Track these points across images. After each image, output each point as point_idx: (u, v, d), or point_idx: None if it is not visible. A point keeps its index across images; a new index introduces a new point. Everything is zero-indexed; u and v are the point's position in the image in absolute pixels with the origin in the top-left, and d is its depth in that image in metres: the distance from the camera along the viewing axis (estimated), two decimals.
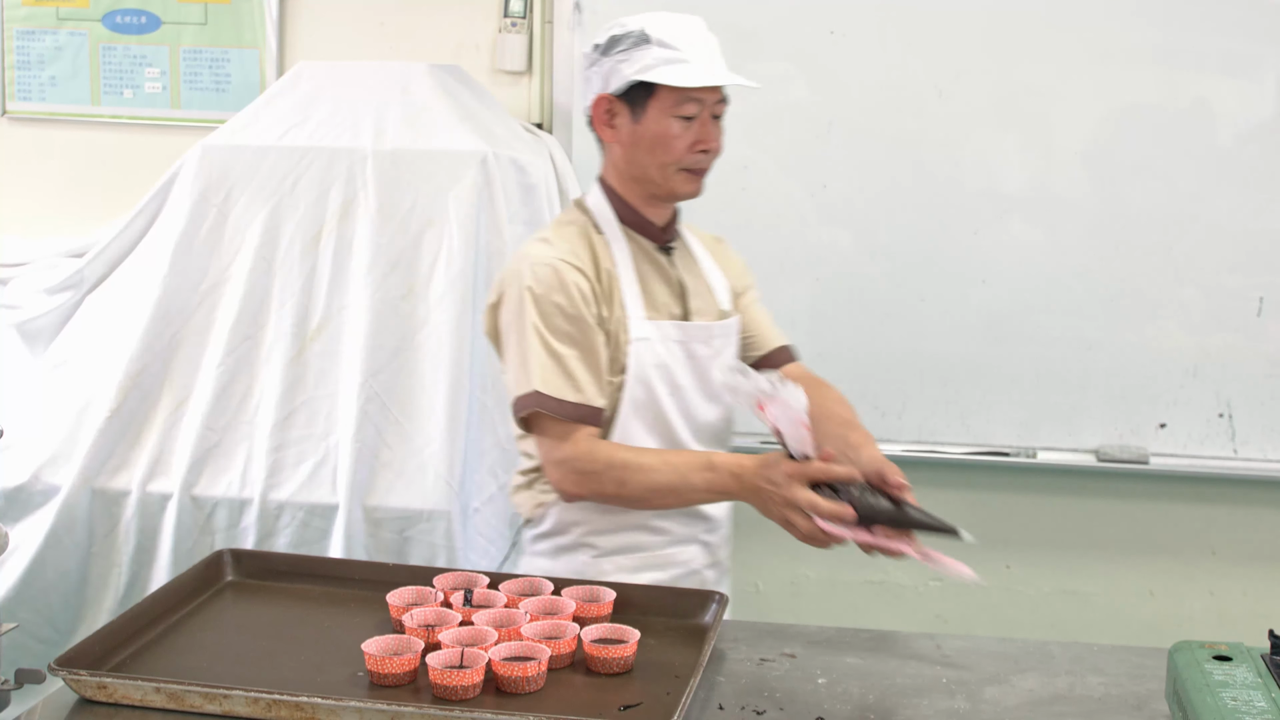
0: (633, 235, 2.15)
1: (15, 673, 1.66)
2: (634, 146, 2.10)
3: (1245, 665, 1.63)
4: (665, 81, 2.03)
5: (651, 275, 2.15)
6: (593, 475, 2.03)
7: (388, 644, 1.69)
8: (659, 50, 2.04)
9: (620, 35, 2.07)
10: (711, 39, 2.10)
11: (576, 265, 2.07)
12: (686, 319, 2.16)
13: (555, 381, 2.04)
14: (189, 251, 2.89)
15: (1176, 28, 3.06)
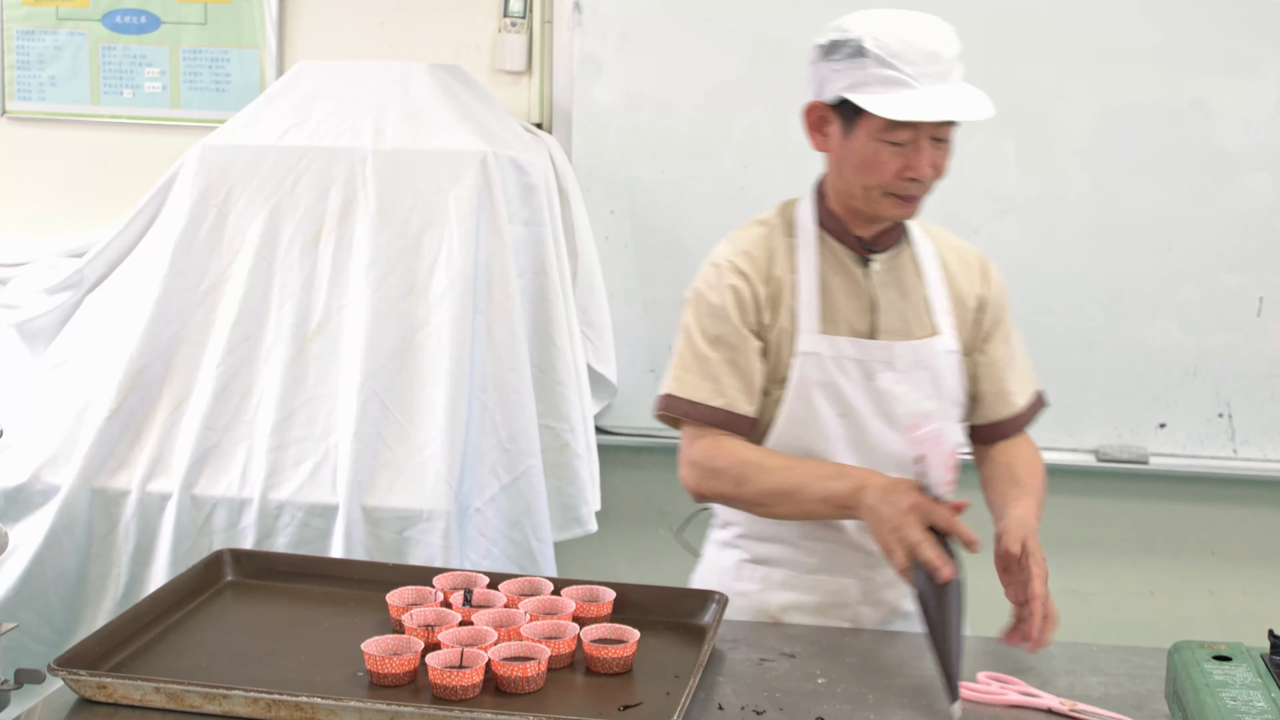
0: (829, 243, 2.03)
1: (15, 673, 1.66)
2: (841, 161, 1.96)
3: (1245, 665, 1.63)
4: (871, 110, 1.86)
5: (840, 287, 2.01)
6: (716, 473, 1.96)
7: (388, 644, 1.69)
8: (874, 67, 1.86)
9: (839, 41, 1.90)
10: (947, 50, 1.88)
11: (740, 268, 2.00)
12: (872, 337, 2.00)
13: (693, 383, 1.99)
14: (189, 251, 2.89)
15: (1176, 27, 3.06)
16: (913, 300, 2.04)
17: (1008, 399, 2.10)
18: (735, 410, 1.98)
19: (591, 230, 3.17)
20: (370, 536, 2.69)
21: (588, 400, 3.08)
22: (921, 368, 2.01)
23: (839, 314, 2.00)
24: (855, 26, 1.89)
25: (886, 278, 2.03)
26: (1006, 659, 1.87)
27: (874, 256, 2.03)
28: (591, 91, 3.24)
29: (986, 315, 2.10)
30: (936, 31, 1.88)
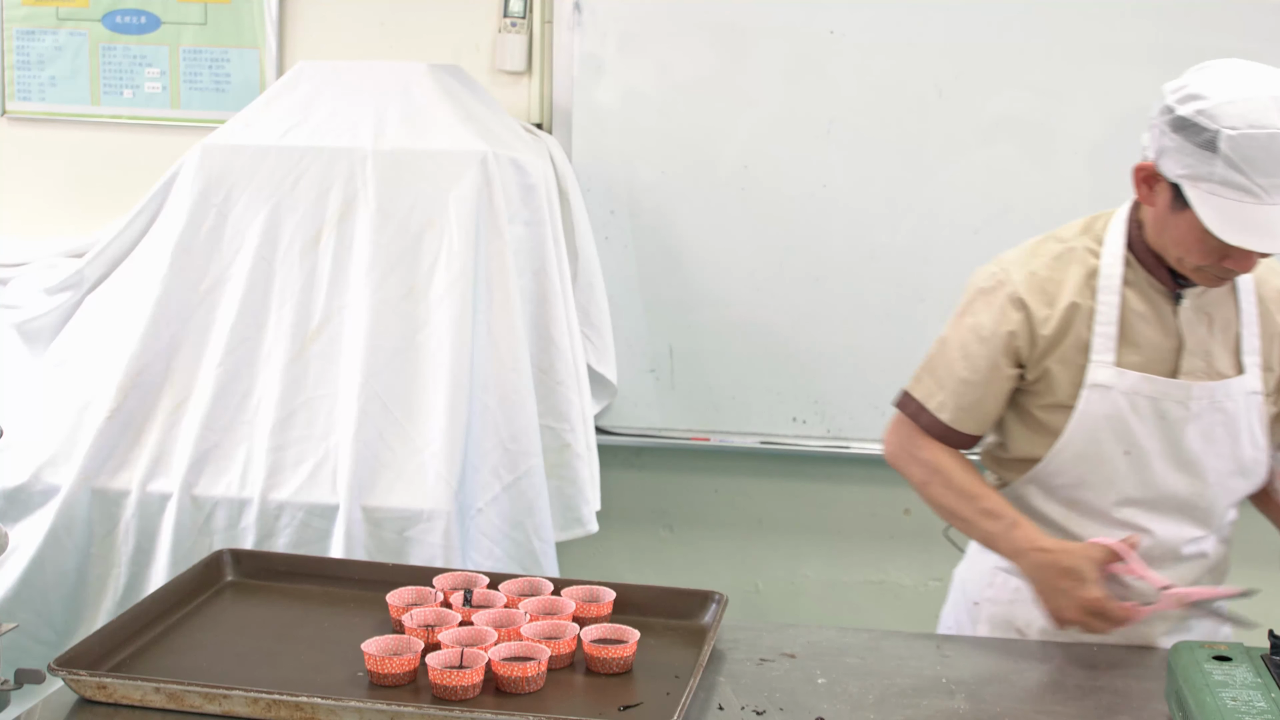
0: (1137, 270, 1.91)
1: (15, 673, 1.66)
2: (1162, 227, 1.84)
3: (1245, 665, 1.63)
4: (1205, 222, 1.71)
5: (1144, 321, 1.90)
6: (914, 460, 2.01)
7: (388, 644, 1.69)
8: (1223, 168, 1.68)
9: (1192, 125, 1.72)
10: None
11: (1023, 299, 1.92)
12: (1173, 376, 1.90)
13: (929, 387, 2.00)
14: (189, 251, 2.89)
15: (1176, 27, 3.06)
16: (1221, 338, 1.92)
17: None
18: (956, 429, 1.99)
19: (591, 230, 3.17)
20: (370, 537, 2.69)
21: (588, 400, 3.08)
22: (1217, 410, 1.91)
23: (1139, 348, 1.90)
24: (1216, 110, 1.70)
25: (1195, 315, 1.92)
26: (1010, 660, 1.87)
27: (1185, 292, 1.91)
28: (591, 92, 3.25)
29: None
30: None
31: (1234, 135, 1.68)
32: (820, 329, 3.23)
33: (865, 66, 3.16)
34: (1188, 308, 1.91)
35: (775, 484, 3.40)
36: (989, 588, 2.11)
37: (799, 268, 3.22)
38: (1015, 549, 1.90)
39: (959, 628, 2.19)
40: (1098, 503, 1.96)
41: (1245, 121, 1.68)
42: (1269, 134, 1.67)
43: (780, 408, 3.27)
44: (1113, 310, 1.89)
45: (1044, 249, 1.97)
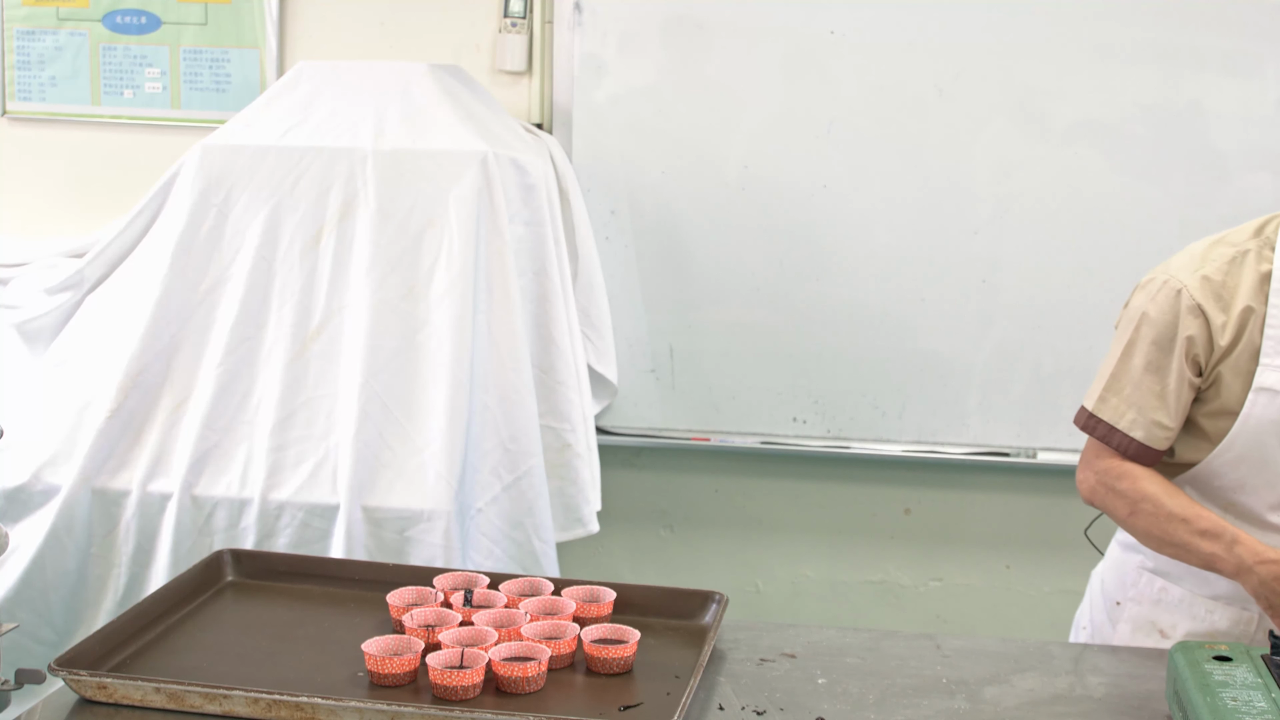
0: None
1: (15, 673, 1.66)
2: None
3: (1245, 665, 1.63)
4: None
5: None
6: (1115, 494, 1.92)
7: (388, 644, 1.69)
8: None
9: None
10: None
11: (1199, 304, 1.87)
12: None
13: (1118, 407, 1.92)
14: (189, 251, 2.89)
15: (1176, 27, 3.06)
16: None
17: None
18: (1151, 445, 1.91)
19: (591, 230, 3.17)
20: (371, 537, 2.69)
21: (588, 400, 3.08)
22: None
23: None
24: None
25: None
26: (1010, 660, 1.87)
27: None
28: (592, 92, 3.25)
29: None
30: None
31: None
32: (820, 329, 3.23)
33: (865, 66, 3.16)
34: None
35: (775, 484, 3.41)
36: (1133, 587, 2.06)
37: (799, 268, 3.22)
38: (1240, 566, 1.82)
39: (1095, 628, 2.16)
40: (1255, 505, 1.91)
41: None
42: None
43: (780, 408, 3.27)
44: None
45: (1215, 253, 1.92)
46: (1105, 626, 2.12)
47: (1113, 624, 2.10)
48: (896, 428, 3.25)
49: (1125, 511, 1.92)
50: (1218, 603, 1.96)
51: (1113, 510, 1.94)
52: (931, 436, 3.24)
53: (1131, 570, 2.07)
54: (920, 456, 3.25)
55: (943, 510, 3.36)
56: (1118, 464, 1.93)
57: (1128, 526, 1.94)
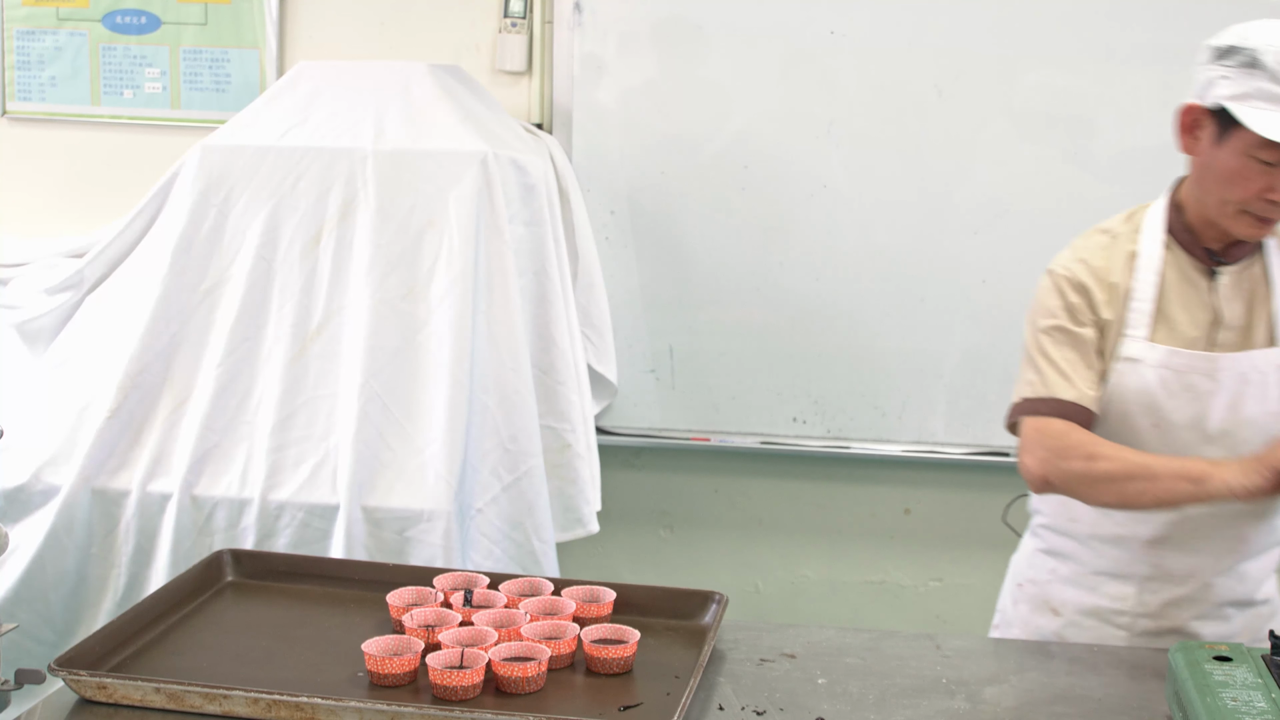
0: (1175, 252, 1.98)
1: (15, 673, 1.66)
2: (1205, 170, 1.93)
3: (1245, 665, 1.63)
4: (1248, 124, 1.83)
5: (1180, 298, 1.97)
6: (1067, 450, 1.91)
7: (388, 644, 1.69)
8: (1265, 81, 1.82)
9: (1235, 48, 1.86)
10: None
11: (1076, 277, 1.98)
12: (1209, 350, 1.95)
13: (1030, 382, 2.00)
14: (189, 251, 2.89)
15: (1176, 27, 3.06)
16: (1260, 313, 1.97)
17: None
18: (1072, 400, 1.95)
19: (591, 230, 3.17)
20: (371, 537, 2.69)
21: (588, 400, 3.08)
22: (1246, 381, 1.94)
23: (1175, 325, 1.96)
24: (1256, 36, 1.84)
25: (1233, 291, 1.97)
26: (1010, 660, 1.87)
27: (1222, 269, 1.97)
28: (592, 92, 3.25)
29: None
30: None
31: (1276, 50, 1.81)
32: (820, 329, 3.23)
33: (865, 66, 3.16)
34: (1225, 284, 1.96)
35: (775, 484, 3.41)
36: (1030, 569, 2.16)
37: (799, 268, 3.22)
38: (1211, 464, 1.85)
39: (1003, 613, 2.23)
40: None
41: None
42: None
43: (780, 408, 3.27)
44: (1150, 289, 1.96)
45: (1091, 240, 2.03)
46: (1009, 609, 2.20)
47: (1014, 605, 2.18)
48: (896, 428, 3.25)
49: (1085, 462, 1.90)
50: (1100, 577, 2.05)
51: (1071, 469, 1.92)
52: (931, 436, 3.24)
53: (1031, 554, 2.16)
54: (920, 456, 3.25)
55: (943, 510, 3.36)
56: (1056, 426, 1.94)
57: (1094, 476, 1.91)
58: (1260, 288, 1.98)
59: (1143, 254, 1.98)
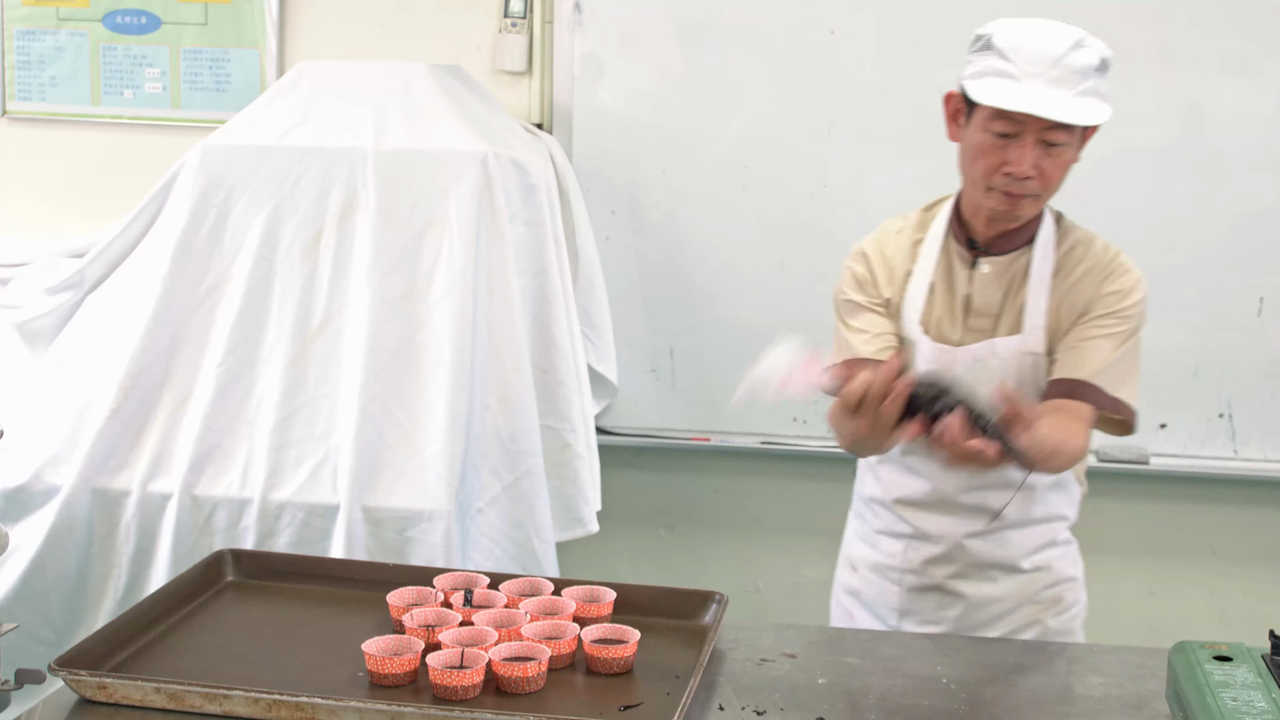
0: (950, 243, 2.14)
1: (15, 673, 1.66)
2: (961, 152, 2.09)
3: (1245, 665, 1.63)
4: (970, 94, 1.99)
5: (944, 288, 2.12)
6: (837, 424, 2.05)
7: (388, 644, 1.69)
8: (994, 59, 1.97)
9: (979, 35, 2.01)
10: (1074, 59, 1.94)
11: (865, 251, 2.17)
12: (961, 340, 2.10)
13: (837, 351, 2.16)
14: (189, 251, 2.89)
15: (1176, 27, 3.06)
16: (1007, 304, 2.10)
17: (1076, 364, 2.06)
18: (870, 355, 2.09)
19: (591, 230, 3.17)
20: (371, 537, 2.69)
21: (588, 400, 3.08)
22: (984, 367, 2.07)
23: (934, 313, 2.11)
24: (997, 24, 1.98)
25: (992, 280, 2.10)
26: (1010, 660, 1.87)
27: (987, 259, 2.11)
28: (592, 92, 3.25)
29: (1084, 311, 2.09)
30: (1066, 40, 1.94)
31: (1005, 33, 1.96)
32: (820, 329, 3.22)
33: (865, 66, 3.16)
34: (985, 274, 2.10)
35: (775, 484, 3.40)
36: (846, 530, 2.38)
37: (799, 268, 3.22)
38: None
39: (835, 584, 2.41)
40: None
41: (1015, 27, 1.97)
42: (1031, 32, 1.94)
43: (780, 408, 3.27)
44: (926, 278, 2.12)
45: (885, 226, 2.22)
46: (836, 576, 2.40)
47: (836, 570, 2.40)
48: None
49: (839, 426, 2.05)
50: (880, 535, 2.24)
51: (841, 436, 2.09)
52: None
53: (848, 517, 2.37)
54: None
55: None
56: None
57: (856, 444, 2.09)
58: (1019, 279, 2.09)
59: (928, 241, 2.14)
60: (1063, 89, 1.93)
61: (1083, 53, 1.94)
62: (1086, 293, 2.08)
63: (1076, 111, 1.93)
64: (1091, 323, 2.07)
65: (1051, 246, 2.11)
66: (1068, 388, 2.05)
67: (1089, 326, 2.07)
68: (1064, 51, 1.93)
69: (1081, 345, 2.06)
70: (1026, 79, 1.93)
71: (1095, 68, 1.95)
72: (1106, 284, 2.09)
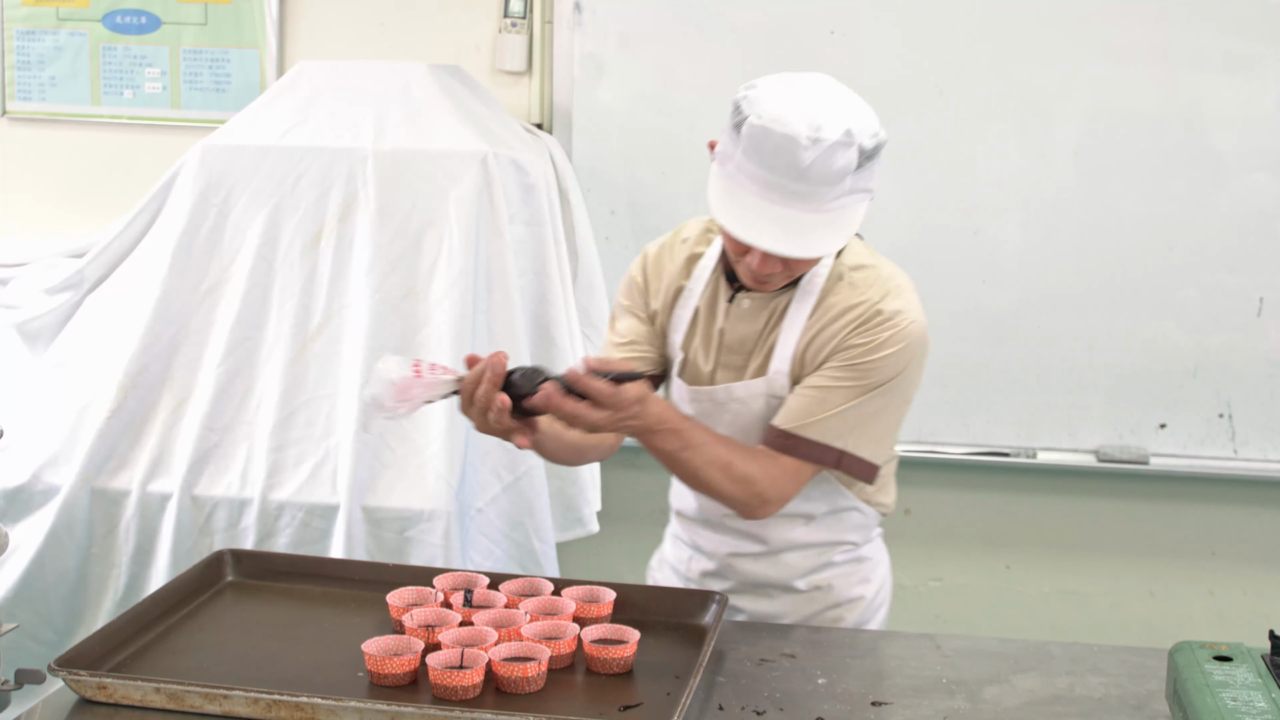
0: (719, 271, 2.01)
1: (15, 673, 1.66)
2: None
3: (1245, 665, 1.63)
4: (710, 199, 1.81)
5: (706, 315, 2.02)
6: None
7: (388, 644, 1.69)
8: (741, 154, 1.78)
9: (738, 103, 1.79)
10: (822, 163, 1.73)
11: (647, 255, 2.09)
12: (713, 374, 2.00)
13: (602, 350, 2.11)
14: (189, 251, 2.89)
15: (1176, 27, 3.06)
16: (765, 343, 1.96)
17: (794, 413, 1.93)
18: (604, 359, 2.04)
19: (592, 230, 3.17)
20: (371, 537, 2.69)
21: None
22: (723, 409, 1.99)
23: (693, 340, 2.03)
24: (759, 98, 1.76)
25: (749, 316, 1.96)
26: (1010, 660, 1.87)
27: (747, 294, 1.96)
28: (592, 92, 3.25)
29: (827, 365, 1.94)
30: (824, 139, 1.72)
31: (756, 124, 1.73)
32: None
33: (865, 66, 3.15)
34: (743, 308, 1.98)
35: None
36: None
37: None
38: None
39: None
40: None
41: (770, 115, 1.73)
42: (784, 133, 1.71)
43: None
44: (694, 297, 2.02)
45: (684, 229, 2.12)
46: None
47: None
48: None
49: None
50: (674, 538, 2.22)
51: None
52: (931, 436, 3.24)
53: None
54: (920, 456, 3.25)
55: (943, 510, 3.35)
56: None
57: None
58: (777, 316, 1.95)
59: (702, 263, 2.03)
60: (808, 205, 1.74)
61: (841, 155, 1.73)
62: (836, 337, 1.92)
63: (812, 243, 1.76)
64: (828, 371, 1.92)
65: (818, 285, 1.94)
66: (777, 438, 1.93)
67: (825, 374, 1.92)
68: (814, 158, 1.71)
69: (808, 392, 1.92)
70: (768, 190, 1.74)
71: (855, 168, 1.76)
72: (857, 334, 1.91)
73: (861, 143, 1.76)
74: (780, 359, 1.95)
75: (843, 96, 1.81)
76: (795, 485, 1.95)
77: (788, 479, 1.93)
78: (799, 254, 1.77)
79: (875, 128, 1.80)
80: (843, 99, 1.80)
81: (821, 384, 1.92)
